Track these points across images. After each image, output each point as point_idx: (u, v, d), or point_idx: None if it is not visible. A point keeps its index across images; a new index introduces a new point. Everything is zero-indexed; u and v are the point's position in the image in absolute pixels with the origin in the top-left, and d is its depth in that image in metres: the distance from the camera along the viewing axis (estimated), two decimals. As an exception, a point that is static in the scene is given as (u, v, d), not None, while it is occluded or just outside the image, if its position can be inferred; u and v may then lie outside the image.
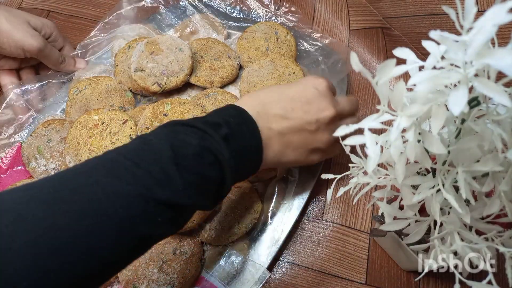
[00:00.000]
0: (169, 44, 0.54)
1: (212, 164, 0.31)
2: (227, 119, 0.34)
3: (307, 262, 0.48)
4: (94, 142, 0.46)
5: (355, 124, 0.24)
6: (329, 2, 0.66)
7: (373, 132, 0.24)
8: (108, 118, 0.48)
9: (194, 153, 0.31)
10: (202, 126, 0.33)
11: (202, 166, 0.31)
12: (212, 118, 0.34)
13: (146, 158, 0.29)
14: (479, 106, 0.24)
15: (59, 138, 0.49)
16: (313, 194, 0.52)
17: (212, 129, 0.33)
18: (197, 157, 0.31)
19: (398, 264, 0.47)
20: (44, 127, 0.50)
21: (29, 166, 0.48)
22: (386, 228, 0.32)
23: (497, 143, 0.22)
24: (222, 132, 0.33)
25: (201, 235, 0.45)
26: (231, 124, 0.34)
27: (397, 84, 0.23)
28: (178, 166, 0.29)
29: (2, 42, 0.47)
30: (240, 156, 0.34)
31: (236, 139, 0.34)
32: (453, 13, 0.20)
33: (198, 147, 0.31)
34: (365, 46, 0.62)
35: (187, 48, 0.54)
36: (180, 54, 0.53)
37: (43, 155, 0.49)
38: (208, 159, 0.31)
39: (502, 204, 0.26)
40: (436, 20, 0.55)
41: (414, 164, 0.29)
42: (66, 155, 0.46)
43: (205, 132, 0.32)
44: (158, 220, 0.28)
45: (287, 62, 0.55)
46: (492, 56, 0.18)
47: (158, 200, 0.28)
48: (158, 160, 0.29)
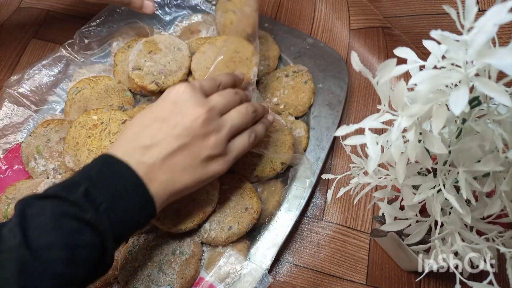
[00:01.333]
0: (167, 43, 0.54)
1: (76, 230, 0.28)
2: (87, 173, 0.31)
3: (307, 262, 0.48)
4: (93, 142, 0.46)
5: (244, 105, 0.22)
6: (329, 2, 0.66)
7: (374, 132, 0.24)
8: (108, 118, 0.48)
9: (48, 228, 0.27)
10: (54, 192, 0.29)
11: (64, 238, 0.27)
12: (71, 179, 0.31)
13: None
14: (480, 106, 0.24)
15: (58, 138, 0.49)
16: (314, 194, 0.52)
17: (67, 192, 0.29)
18: (54, 230, 0.27)
19: (398, 265, 0.47)
20: (43, 127, 0.50)
21: (28, 166, 0.48)
22: (387, 229, 0.32)
23: (498, 143, 0.22)
24: (81, 189, 0.29)
25: (200, 235, 0.45)
26: (92, 175, 0.31)
27: (397, 83, 0.23)
28: (31, 250, 0.26)
29: None
30: (113, 204, 0.30)
31: (100, 188, 0.30)
32: (454, 12, 0.20)
33: (51, 218, 0.27)
34: (365, 45, 0.62)
35: (185, 48, 0.54)
36: (179, 54, 0.53)
37: (42, 155, 0.48)
38: (67, 226, 0.28)
39: (503, 204, 0.26)
40: (437, 20, 0.55)
41: (415, 164, 0.29)
42: (65, 155, 0.46)
43: (59, 197, 0.29)
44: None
45: (222, 38, 0.54)
46: (493, 55, 0.18)
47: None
48: (10, 252, 0.26)
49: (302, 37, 0.61)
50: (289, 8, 0.67)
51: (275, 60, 0.59)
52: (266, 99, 0.56)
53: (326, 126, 0.54)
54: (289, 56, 0.60)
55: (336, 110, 0.55)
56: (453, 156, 0.25)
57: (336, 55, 0.59)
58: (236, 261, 0.45)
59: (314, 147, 0.53)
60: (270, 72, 0.58)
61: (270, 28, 0.62)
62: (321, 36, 0.64)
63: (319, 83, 0.57)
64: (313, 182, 0.49)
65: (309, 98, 0.55)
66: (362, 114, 0.58)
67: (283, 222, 0.47)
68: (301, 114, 0.56)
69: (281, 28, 0.62)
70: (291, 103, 0.55)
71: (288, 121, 0.54)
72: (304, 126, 0.53)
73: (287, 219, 0.48)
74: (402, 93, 0.23)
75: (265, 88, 0.56)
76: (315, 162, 0.51)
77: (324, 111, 0.55)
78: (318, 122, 0.55)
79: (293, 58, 0.60)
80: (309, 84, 0.56)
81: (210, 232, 0.45)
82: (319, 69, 0.58)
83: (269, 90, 0.56)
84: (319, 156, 0.52)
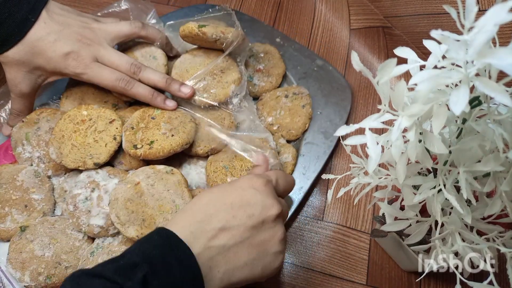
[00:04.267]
0: (144, 51, 0.53)
1: None
2: (148, 253, 0.29)
3: (307, 263, 0.48)
4: (78, 137, 0.46)
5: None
6: (329, 1, 0.66)
7: (374, 132, 0.24)
8: (97, 115, 0.47)
9: None
10: (111, 275, 0.27)
11: None
12: (129, 257, 0.28)
13: None
14: (480, 105, 0.24)
15: (48, 127, 0.49)
16: (313, 195, 0.52)
17: (124, 277, 0.27)
18: None
19: (399, 265, 0.47)
20: (36, 114, 0.50)
21: (16, 151, 0.49)
22: (387, 229, 0.32)
23: (499, 143, 0.22)
24: (139, 275, 0.27)
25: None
26: (153, 258, 0.28)
27: (398, 83, 0.23)
28: None
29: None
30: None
31: (160, 277, 0.28)
32: (454, 12, 0.20)
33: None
34: (366, 45, 0.62)
35: (161, 57, 0.53)
36: (154, 62, 0.52)
37: (30, 142, 0.48)
38: None
39: (503, 204, 0.26)
40: (437, 20, 0.55)
41: (415, 164, 0.29)
42: (50, 146, 0.46)
43: (115, 282, 0.26)
44: None
45: (219, 52, 0.52)
46: (493, 55, 0.18)
47: None
48: None
49: (312, 57, 0.59)
50: (289, 8, 0.67)
51: (278, 78, 0.57)
52: (261, 117, 0.54)
53: (316, 155, 0.52)
54: (295, 76, 0.58)
55: (330, 140, 0.53)
56: (453, 156, 0.25)
57: (343, 82, 0.57)
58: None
59: (299, 175, 0.50)
60: (272, 90, 0.57)
61: (281, 44, 0.61)
62: (321, 36, 0.64)
63: (318, 109, 0.55)
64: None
65: (304, 123, 0.53)
66: (362, 114, 0.58)
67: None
68: (294, 138, 0.54)
69: (293, 45, 0.60)
70: (285, 125, 0.53)
71: (279, 143, 0.52)
72: (293, 152, 0.51)
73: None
74: (403, 93, 0.23)
75: (262, 106, 0.55)
76: (298, 191, 0.49)
77: (318, 138, 0.53)
78: (309, 150, 0.52)
79: (298, 78, 0.58)
80: (307, 108, 0.54)
81: None
82: (322, 94, 0.56)
83: (265, 108, 0.55)
84: (302, 186, 0.49)
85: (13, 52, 0.43)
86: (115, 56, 0.46)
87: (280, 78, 0.58)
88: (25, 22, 0.42)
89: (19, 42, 0.43)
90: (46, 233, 0.44)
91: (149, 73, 0.47)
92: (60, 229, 0.45)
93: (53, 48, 0.44)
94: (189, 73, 0.51)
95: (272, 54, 0.59)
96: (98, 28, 0.47)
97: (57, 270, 0.42)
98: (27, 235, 0.43)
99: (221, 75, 0.51)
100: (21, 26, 0.42)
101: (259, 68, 0.58)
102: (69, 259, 0.43)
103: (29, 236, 0.43)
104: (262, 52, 0.59)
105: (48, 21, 0.44)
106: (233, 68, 0.51)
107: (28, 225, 0.44)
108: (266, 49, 0.59)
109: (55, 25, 0.44)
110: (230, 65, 0.52)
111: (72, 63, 0.45)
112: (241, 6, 0.67)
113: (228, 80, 0.51)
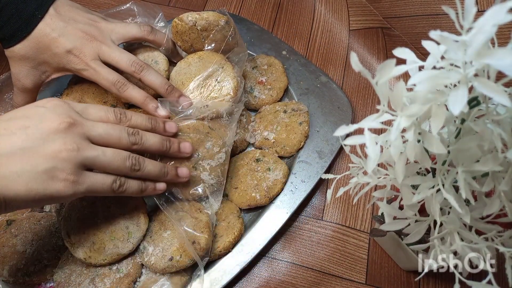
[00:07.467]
0: (146, 55, 0.52)
1: None
2: None
3: (307, 262, 0.48)
4: None
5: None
6: (329, 2, 0.66)
7: (373, 132, 0.24)
8: None
9: None
10: None
11: None
12: None
13: None
14: (479, 106, 0.24)
15: None
16: (313, 195, 0.52)
17: None
18: None
19: (398, 264, 0.47)
20: None
21: None
22: (386, 228, 0.32)
23: (497, 143, 0.22)
24: None
25: (142, 257, 0.43)
26: None
27: (397, 84, 0.23)
28: None
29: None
30: None
31: None
32: (453, 13, 0.20)
33: None
34: (365, 46, 0.62)
35: (163, 62, 0.52)
36: (155, 67, 0.51)
37: None
38: None
39: (502, 204, 0.26)
40: (436, 20, 0.55)
41: (414, 164, 0.29)
42: None
43: None
44: None
45: (215, 57, 0.50)
46: (492, 56, 0.18)
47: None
48: None
49: (316, 73, 0.58)
50: (289, 8, 0.67)
51: (280, 92, 0.57)
52: (258, 130, 0.54)
53: (308, 175, 0.50)
54: (296, 91, 0.57)
55: (324, 160, 0.51)
56: (452, 156, 0.25)
57: (345, 102, 0.55)
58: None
59: (288, 193, 0.49)
60: (271, 103, 0.56)
61: (287, 57, 0.60)
62: (321, 37, 0.64)
63: (316, 127, 0.54)
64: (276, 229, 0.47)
65: (299, 141, 0.52)
66: (362, 114, 0.58)
67: (228, 265, 0.45)
68: (287, 155, 0.52)
69: (298, 60, 0.60)
70: (281, 141, 0.52)
71: (271, 159, 0.51)
72: (284, 170, 0.50)
73: (235, 260, 0.45)
74: (401, 93, 0.23)
75: (260, 119, 0.55)
76: (285, 213, 0.48)
77: (312, 158, 0.51)
78: (302, 168, 0.51)
79: (299, 93, 0.57)
80: (304, 126, 0.53)
81: (151, 256, 0.43)
82: (322, 112, 0.55)
83: (263, 122, 0.54)
84: (290, 206, 0.48)
85: (18, 48, 0.44)
86: (116, 53, 0.46)
87: (282, 92, 0.57)
88: (32, 18, 0.43)
89: (25, 38, 0.43)
90: (31, 229, 0.44)
91: (151, 75, 0.46)
92: (45, 226, 0.45)
93: (56, 44, 0.44)
94: (185, 86, 0.49)
95: (275, 67, 0.58)
96: (105, 27, 0.47)
97: (37, 268, 0.43)
98: (12, 229, 0.44)
99: (217, 86, 0.49)
100: (28, 22, 0.43)
101: (261, 80, 0.57)
102: (50, 257, 0.44)
103: (14, 230, 0.44)
104: (266, 64, 0.58)
105: (55, 17, 0.44)
106: (229, 79, 0.49)
107: (14, 219, 0.45)
108: (270, 62, 0.59)
109: (61, 22, 0.44)
110: (227, 76, 0.49)
111: (74, 59, 0.45)
112: (241, 7, 0.67)
113: (223, 93, 0.48)
